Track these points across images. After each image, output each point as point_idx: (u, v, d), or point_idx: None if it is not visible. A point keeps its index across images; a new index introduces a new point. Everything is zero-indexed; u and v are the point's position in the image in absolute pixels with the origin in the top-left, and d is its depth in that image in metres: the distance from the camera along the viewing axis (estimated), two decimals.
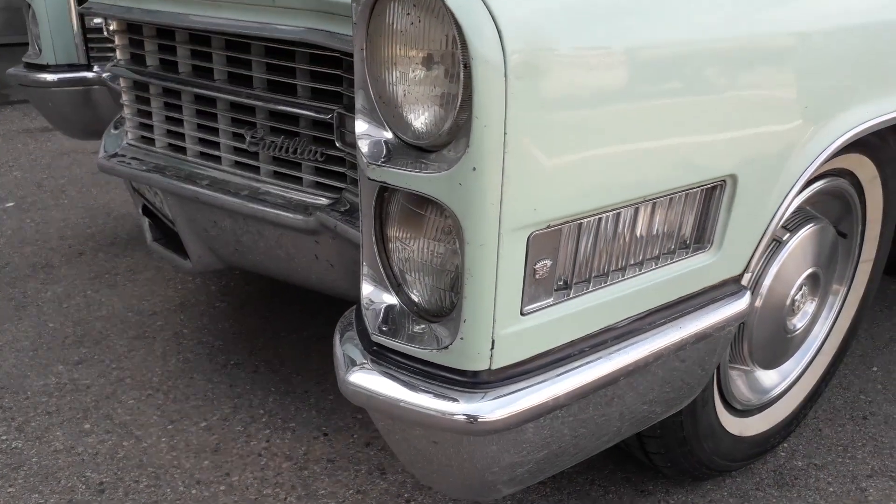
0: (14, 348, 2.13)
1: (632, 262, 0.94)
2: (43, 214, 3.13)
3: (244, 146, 1.51)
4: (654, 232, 0.95)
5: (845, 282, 1.66)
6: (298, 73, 1.40)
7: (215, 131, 1.56)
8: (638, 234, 0.93)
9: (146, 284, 2.52)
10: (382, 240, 0.94)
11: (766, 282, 1.36)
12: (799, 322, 1.55)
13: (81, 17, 2.47)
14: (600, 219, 0.87)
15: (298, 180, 1.48)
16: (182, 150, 1.64)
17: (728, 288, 1.09)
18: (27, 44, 2.60)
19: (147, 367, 2.04)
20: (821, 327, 1.67)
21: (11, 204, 3.25)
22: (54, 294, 2.45)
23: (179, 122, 1.63)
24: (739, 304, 1.08)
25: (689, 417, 1.37)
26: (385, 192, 0.90)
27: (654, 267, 0.98)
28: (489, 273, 0.77)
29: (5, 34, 6.66)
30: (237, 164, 1.57)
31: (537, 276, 0.83)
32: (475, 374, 0.83)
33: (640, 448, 1.46)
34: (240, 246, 1.60)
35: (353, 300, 1.57)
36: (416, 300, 0.91)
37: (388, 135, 0.85)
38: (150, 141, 1.71)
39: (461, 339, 0.81)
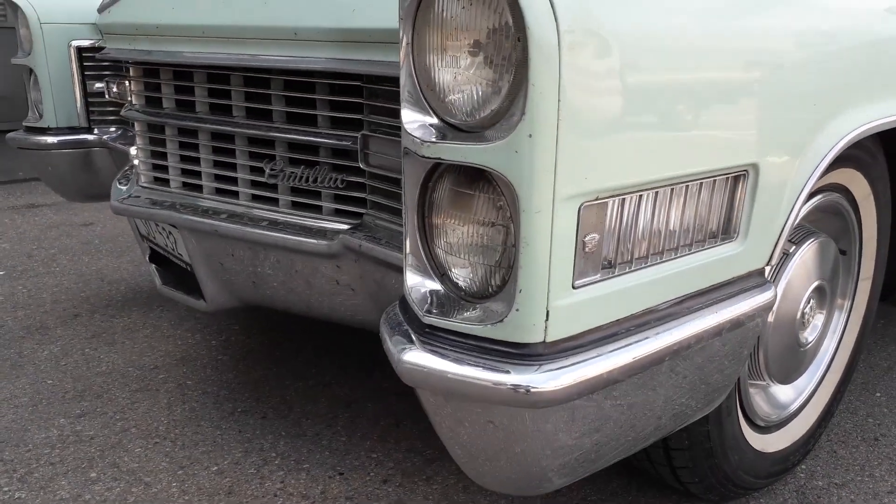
0: (12, 404, 2.07)
1: (668, 248, 0.98)
2: (35, 281, 3.10)
3: (262, 179, 1.55)
4: (687, 219, 0.99)
5: (848, 296, 1.71)
6: (319, 103, 1.45)
7: (233, 167, 1.60)
8: (673, 219, 0.97)
9: (145, 341, 2.49)
10: (424, 230, 0.97)
11: (778, 292, 1.40)
12: (810, 335, 1.59)
13: (84, 80, 2.54)
14: (641, 196, 0.91)
15: (317, 209, 1.52)
16: (197, 188, 1.67)
17: (754, 280, 1.13)
18: (8, 131, 2.66)
19: (152, 416, 2.00)
20: (829, 342, 1.70)
21: (2, 273, 3.22)
22: (51, 353, 2.40)
23: (193, 160, 1.66)
24: (766, 296, 1.12)
25: (715, 427, 1.38)
26: (430, 182, 0.93)
27: (687, 253, 1.01)
28: (544, 241, 0.80)
29: None
30: (254, 197, 1.60)
31: (586, 248, 0.86)
32: (530, 346, 0.84)
33: (668, 465, 1.46)
34: (258, 279, 1.61)
35: (372, 328, 1.58)
36: (462, 284, 0.93)
37: (434, 120, 0.89)
38: (164, 182, 1.74)
39: (516, 310, 0.83)
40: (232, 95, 1.55)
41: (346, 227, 1.47)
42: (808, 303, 1.54)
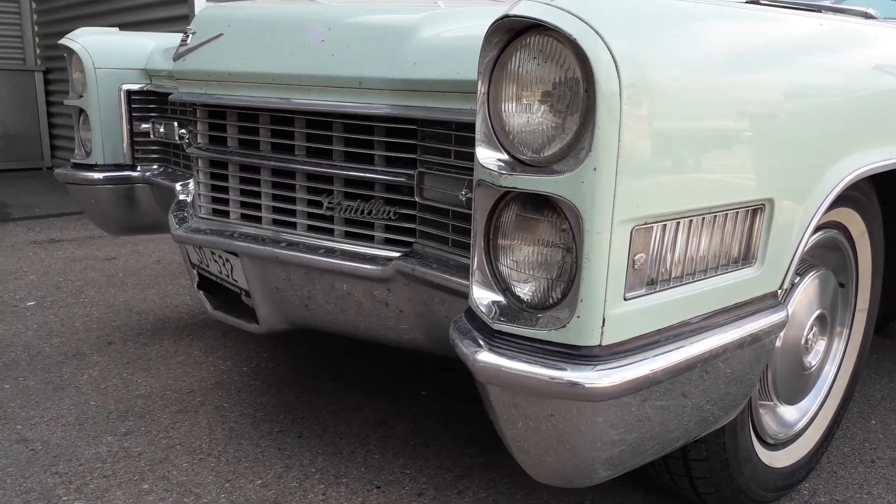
0: (60, 423, 2.19)
1: (699, 269, 1.15)
2: (66, 311, 3.23)
3: (320, 211, 1.72)
4: (714, 244, 1.16)
5: (846, 326, 1.88)
6: (376, 144, 1.63)
7: (291, 200, 1.77)
8: (703, 244, 1.14)
9: (179, 367, 2.61)
10: (489, 250, 1.13)
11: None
12: (813, 359, 1.75)
13: (131, 121, 2.72)
14: (678, 223, 1.08)
15: (369, 237, 1.68)
16: (254, 219, 1.84)
17: (769, 301, 1.29)
18: (24, 169, 2.82)
19: (194, 435, 2.12)
20: (830, 367, 1.86)
21: (32, 303, 3.35)
22: (90, 377, 2.52)
23: (251, 193, 1.83)
24: (780, 315, 1.28)
25: (730, 439, 1.53)
26: (496, 209, 1.10)
27: (714, 275, 1.18)
28: (603, 258, 0.97)
29: (2, 160, 6.92)
30: (310, 227, 1.76)
31: (635, 266, 1.02)
32: (588, 348, 1.00)
33: (687, 475, 1.60)
34: (311, 302, 1.76)
35: (415, 347, 1.73)
36: (525, 296, 1.09)
37: (505, 156, 1.06)
38: (222, 213, 1.90)
39: (577, 317, 0.99)
40: (295, 136, 1.72)
41: (396, 254, 1.63)
42: (811, 329, 1.71)
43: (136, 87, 2.67)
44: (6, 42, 7.19)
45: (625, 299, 1.02)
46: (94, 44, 2.63)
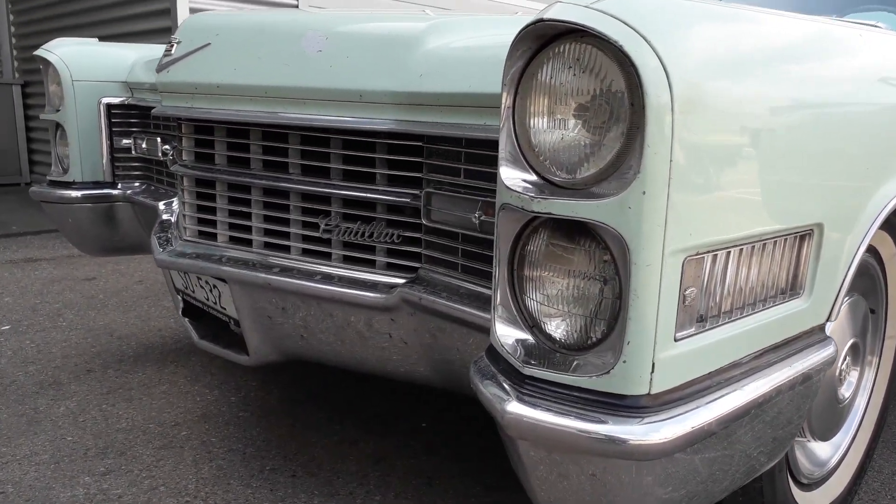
0: (33, 462, 2.02)
1: (748, 302, 1.03)
2: (42, 336, 3.06)
3: (316, 234, 1.58)
4: (763, 275, 1.04)
5: (876, 354, 1.77)
6: (378, 161, 1.50)
7: (284, 221, 1.63)
8: (752, 275, 1.02)
9: (163, 397, 2.46)
10: (514, 282, 1.00)
11: None
12: (846, 392, 1.63)
13: (111, 137, 2.58)
14: (728, 252, 0.96)
15: (370, 262, 1.55)
16: (244, 241, 1.70)
17: (816, 335, 1.17)
18: (1, 185, 2.68)
19: (179, 474, 1.96)
20: (861, 399, 1.75)
21: (7, 327, 3.17)
22: (67, 409, 2.36)
23: (241, 215, 1.69)
24: (829, 351, 1.16)
25: (768, 484, 1.40)
26: (523, 234, 0.97)
27: (762, 308, 1.06)
28: (653, 294, 0.84)
29: None
30: (305, 251, 1.63)
31: (686, 302, 0.90)
32: (635, 398, 0.87)
33: None
34: (307, 332, 1.62)
35: (421, 381, 1.60)
36: (558, 335, 0.96)
37: (533, 177, 0.94)
38: (209, 235, 1.76)
39: (623, 361, 0.86)
40: (289, 153, 1.59)
41: (400, 280, 1.50)
42: (845, 359, 1.59)
43: (116, 100, 2.53)
44: None
45: (675, 340, 0.89)
46: (71, 55, 2.49)
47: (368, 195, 1.49)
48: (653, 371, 0.87)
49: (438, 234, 1.44)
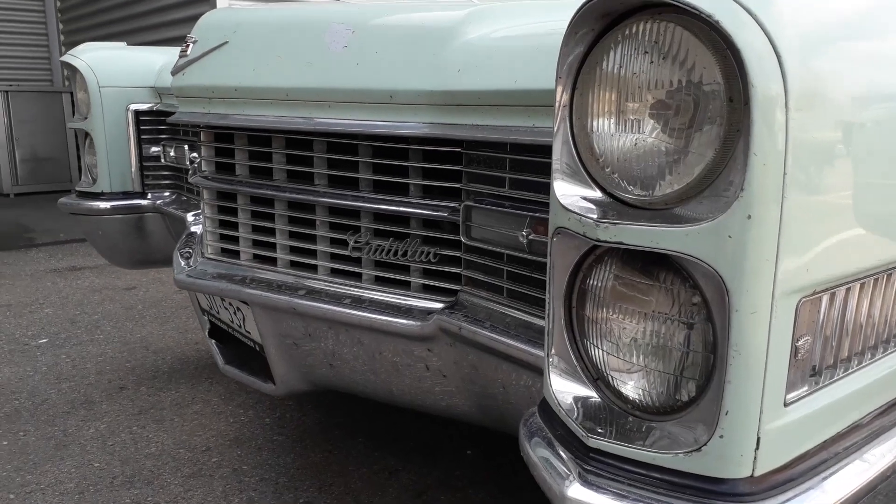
0: (57, 491, 1.91)
1: (868, 346, 0.81)
2: (78, 350, 2.98)
3: (345, 252, 1.41)
4: (886, 311, 0.83)
5: None
6: (412, 170, 1.32)
7: (311, 238, 1.47)
8: (875, 313, 0.81)
9: (195, 418, 2.33)
10: (573, 324, 0.81)
11: None
12: None
13: (140, 145, 2.46)
14: (847, 288, 0.75)
15: (405, 284, 1.37)
16: (270, 260, 1.54)
17: None
18: (51, 192, 2.59)
19: None
20: None
21: (44, 340, 3.11)
22: (97, 431, 2.25)
23: (265, 231, 1.54)
24: None
25: None
26: (583, 265, 0.78)
27: (883, 353, 0.84)
28: (759, 349, 0.64)
29: (30, 183, 6.82)
30: (333, 271, 1.46)
31: (799, 354, 0.69)
32: (735, 483, 0.67)
33: None
34: (336, 361, 1.46)
35: (463, 418, 1.41)
36: (630, 395, 0.77)
37: (597, 194, 0.75)
38: (232, 253, 1.61)
39: (720, 437, 0.66)
40: (314, 162, 1.43)
41: (437, 305, 1.32)
42: None
43: (144, 106, 2.41)
44: (33, 64, 7.11)
45: (785, 405, 0.69)
46: (98, 60, 2.38)
47: (401, 209, 1.32)
48: (757, 447, 0.67)
49: (480, 252, 1.26)
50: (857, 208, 0.71)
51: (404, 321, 1.30)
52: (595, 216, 0.71)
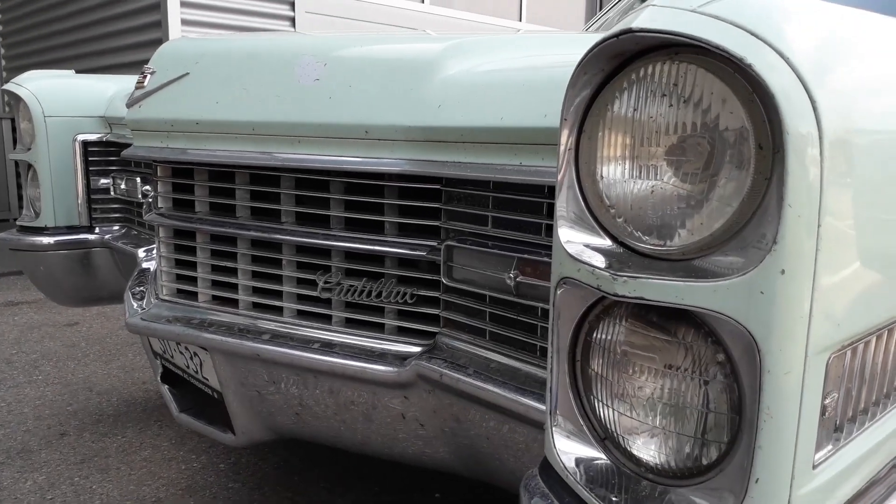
0: None
1: (884, 395, 0.78)
2: (15, 393, 2.79)
3: (314, 293, 1.34)
4: None
5: None
6: (387, 208, 1.26)
7: (277, 279, 1.39)
8: (889, 363, 0.77)
9: (144, 466, 2.19)
10: (577, 378, 0.76)
11: None
12: None
13: (88, 177, 2.34)
14: (868, 340, 0.72)
15: (378, 327, 1.30)
16: (230, 302, 1.45)
17: None
18: None
19: None
20: None
21: None
22: (35, 484, 2.09)
23: (225, 270, 1.45)
24: None
25: None
26: (590, 315, 0.73)
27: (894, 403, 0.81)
28: (791, 412, 0.60)
29: None
30: (300, 313, 1.38)
31: (826, 413, 0.65)
32: None
33: None
34: (303, 410, 1.37)
35: (443, 470, 1.34)
36: (644, 457, 0.71)
37: (605, 242, 0.70)
38: (189, 294, 1.51)
39: None
40: (281, 199, 1.35)
41: (414, 348, 1.26)
42: None
43: (93, 137, 2.30)
44: None
45: (814, 467, 0.65)
46: (44, 89, 2.26)
47: (376, 247, 1.25)
48: None
49: (461, 294, 1.20)
50: (886, 258, 0.67)
51: (379, 367, 1.23)
52: (611, 268, 0.66)
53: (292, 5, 5.12)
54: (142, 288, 1.72)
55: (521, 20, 6.54)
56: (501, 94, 1.04)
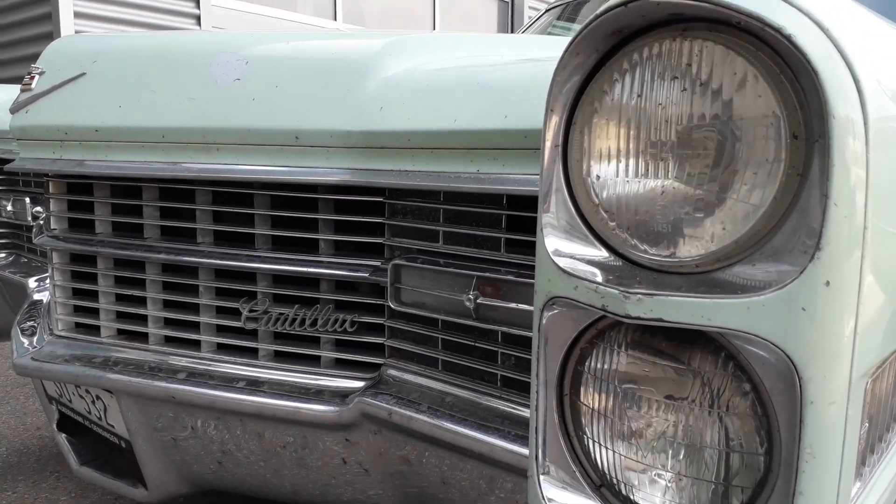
0: None
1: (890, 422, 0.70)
2: None
3: (237, 324, 1.18)
4: None
5: None
6: (322, 223, 1.12)
7: (193, 308, 1.22)
8: None
9: None
10: (564, 415, 0.65)
11: None
12: None
13: None
14: (893, 361, 0.64)
15: (314, 360, 1.16)
16: (138, 336, 1.27)
17: None
18: None
19: None
20: None
21: None
22: None
23: (132, 300, 1.27)
24: None
25: None
26: (580, 340, 0.62)
27: None
28: (835, 449, 0.50)
29: None
30: (220, 347, 1.22)
31: (862, 445, 0.56)
32: None
33: None
34: (225, 457, 1.20)
35: None
36: None
37: (602, 253, 0.59)
38: (91, 329, 1.32)
39: None
40: (197, 216, 1.19)
41: (355, 383, 1.12)
42: None
43: None
44: None
45: None
46: None
47: (309, 269, 1.11)
48: None
49: (410, 319, 1.08)
50: None
51: (316, 407, 1.08)
52: (620, 285, 0.55)
53: (197, 3, 4.87)
54: (32, 323, 1.50)
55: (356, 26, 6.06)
56: (455, 94, 0.93)
